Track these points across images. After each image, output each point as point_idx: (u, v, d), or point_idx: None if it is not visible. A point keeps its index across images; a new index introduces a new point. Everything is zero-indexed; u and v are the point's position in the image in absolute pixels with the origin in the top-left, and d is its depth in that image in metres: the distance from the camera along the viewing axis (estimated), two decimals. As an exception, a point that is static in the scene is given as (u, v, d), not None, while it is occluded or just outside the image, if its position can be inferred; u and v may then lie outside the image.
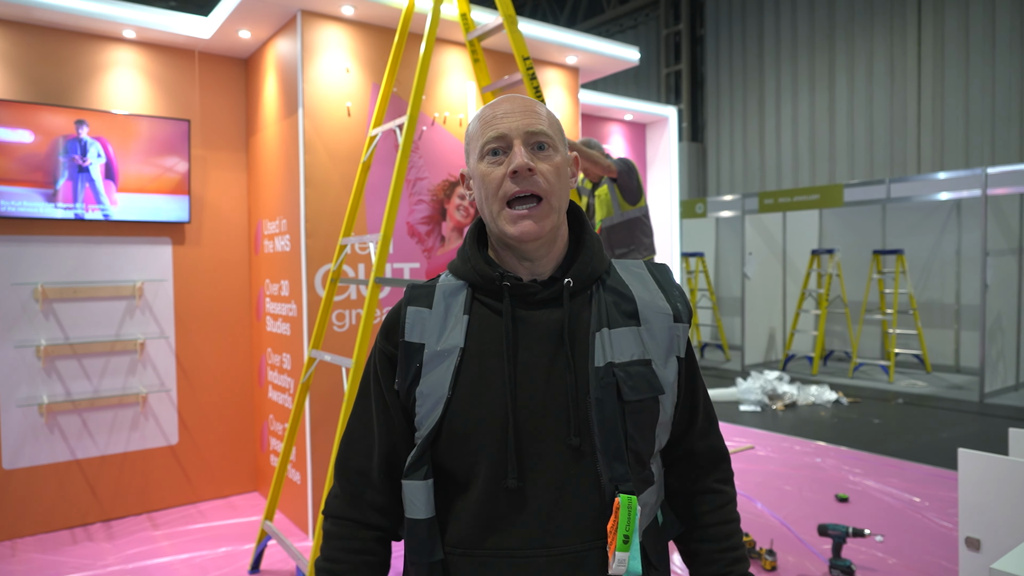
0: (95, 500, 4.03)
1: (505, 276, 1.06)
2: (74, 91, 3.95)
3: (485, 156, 1.06)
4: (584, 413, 1.01)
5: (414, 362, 1.06)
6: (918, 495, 4.30)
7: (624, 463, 1.00)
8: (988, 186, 7.29)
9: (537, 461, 1.00)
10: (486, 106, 1.10)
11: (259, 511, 4.22)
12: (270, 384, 4.31)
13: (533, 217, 1.03)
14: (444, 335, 1.06)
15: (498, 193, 1.04)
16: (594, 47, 4.78)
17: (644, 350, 1.06)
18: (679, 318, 1.11)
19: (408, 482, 1.05)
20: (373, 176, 3.93)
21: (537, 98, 3.11)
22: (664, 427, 1.08)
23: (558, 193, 1.06)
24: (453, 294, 1.10)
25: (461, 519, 1.03)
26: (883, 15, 10.52)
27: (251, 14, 3.79)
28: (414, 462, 1.05)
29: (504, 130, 1.05)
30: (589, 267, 1.09)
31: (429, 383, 1.04)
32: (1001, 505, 2.16)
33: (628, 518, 0.97)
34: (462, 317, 1.07)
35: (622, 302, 1.09)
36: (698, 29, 13.42)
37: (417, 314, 1.09)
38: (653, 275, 1.16)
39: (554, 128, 1.09)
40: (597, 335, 1.04)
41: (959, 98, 9.71)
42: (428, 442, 1.03)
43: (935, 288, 9.28)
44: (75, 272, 3.96)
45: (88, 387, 4.01)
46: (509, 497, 1.00)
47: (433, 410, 1.03)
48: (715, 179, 13.10)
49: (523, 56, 2.95)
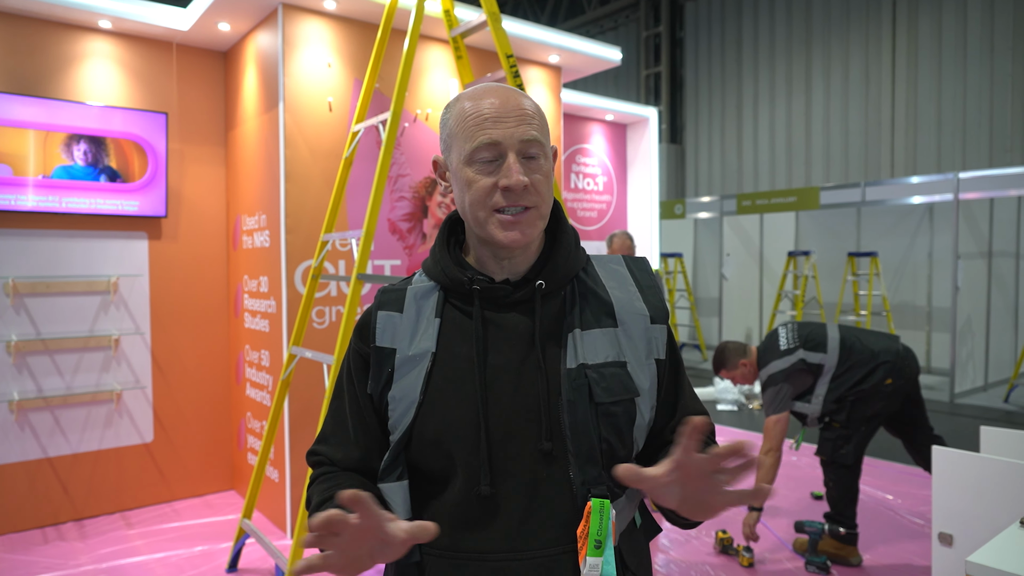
0: (67, 499, 3.95)
1: (475, 280, 1.04)
2: (48, 82, 3.87)
3: (474, 163, 1.01)
4: (556, 416, 0.99)
5: (386, 367, 1.05)
6: (891, 493, 4.37)
7: (597, 466, 0.99)
8: (960, 190, 7.44)
9: (509, 465, 0.99)
10: (466, 97, 1.04)
11: (235, 509, 4.17)
12: (248, 381, 4.26)
13: (523, 225, 1.00)
14: (415, 339, 1.05)
15: (487, 202, 1.00)
16: (577, 46, 4.80)
17: (620, 352, 1.04)
18: (656, 320, 1.08)
19: (384, 485, 1.04)
20: (354, 172, 3.90)
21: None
22: (642, 430, 1.06)
23: (547, 200, 1.04)
24: (424, 296, 1.08)
25: (437, 521, 1.01)
26: (859, 22, 10.69)
27: (231, 6, 3.75)
28: (388, 465, 1.04)
29: (498, 138, 0.99)
30: (563, 268, 1.07)
31: (401, 388, 1.03)
32: (973, 501, 2.21)
33: (600, 522, 0.95)
34: (433, 320, 1.05)
35: (598, 302, 1.06)
36: (678, 32, 13.52)
37: (388, 319, 1.07)
38: (632, 272, 1.13)
39: (542, 127, 1.04)
40: (569, 336, 1.03)
41: (931, 104, 9.89)
42: (401, 446, 1.03)
43: (908, 290, 9.44)
44: (48, 266, 3.89)
45: (60, 384, 3.93)
46: (482, 501, 0.99)
47: (405, 415, 1.02)
48: (693, 180, 13.22)
49: (507, 54, 2.95)
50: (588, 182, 6.44)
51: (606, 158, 6.59)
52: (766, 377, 3.40)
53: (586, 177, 6.43)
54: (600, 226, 6.49)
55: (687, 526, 1.07)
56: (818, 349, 3.36)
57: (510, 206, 1.00)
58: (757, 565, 3.37)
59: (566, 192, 6.24)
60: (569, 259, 1.08)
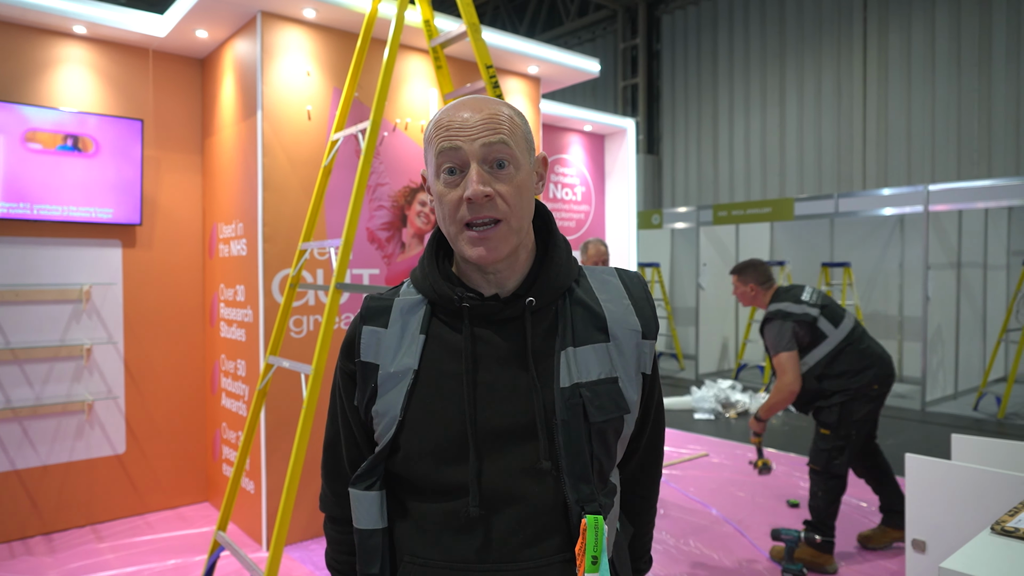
0: (35, 512, 3.86)
1: (464, 296, 1.01)
2: (20, 87, 3.81)
3: (441, 174, 0.98)
4: (550, 435, 0.98)
5: (370, 382, 1.04)
6: (865, 500, 4.43)
7: (590, 483, 0.98)
8: (929, 202, 7.60)
9: (499, 483, 0.97)
10: (445, 108, 1.01)
11: (210, 522, 4.10)
12: (223, 391, 4.21)
13: (491, 240, 0.97)
14: (398, 356, 1.03)
15: (455, 216, 0.98)
16: (556, 58, 4.83)
17: (612, 367, 1.02)
18: (647, 335, 1.07)
19: (352, 491, 1.03)
20: (332, 181, 3.89)
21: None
22: (624, 441, 1.07)
23: (519, 213, 0.99)
24: (411, 311, 1.05)
25: (424, 530, 1.01)
26: (830, 37, 10.90)
27: (209, 14, 3.72)
28: (363, 474, 1.03)
29: (459, 143, 0.96)
30: (555, 282, 1.04)
31: (383, 404, 1.02)
32: (945, 508, 2.24)
33: (596, 539, 0.95)
34: (418, 337, 1.03)
35: (591, 316, 1.04)
36: (654, 44, 13.68)
37: (372, 334, 1.06)
38: (625, 285, 1.11)
39: (516, 136, 1.00)
40: (562, 354, 1.00)
41: (902, 118, 10.11)
42: (381, 458, 1.02)
43: (880, 300, 9.61)
44: (17, 274, 3.81)
45: (30, 394, 3.85)
46: (470, 521, 0.98)
47: (386, 431, 1.01)
48: (670, 191, 13.34)
49: (486, 64, 2.96)
50: (567, 192, 6.48)
51: (584, 168, 6.63)
52: (774, 310, 3.48)
53: (564, 187, 6.46)
54: (578, 236, 6.52)
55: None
56: (831, 321, 3.45)
57: (475, 220, 0.97)
58: (730, 573, 3.39)
59: (545, 202, 6.26)
60: (561, 273, 1.05)
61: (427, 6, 3.18)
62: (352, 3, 3.72)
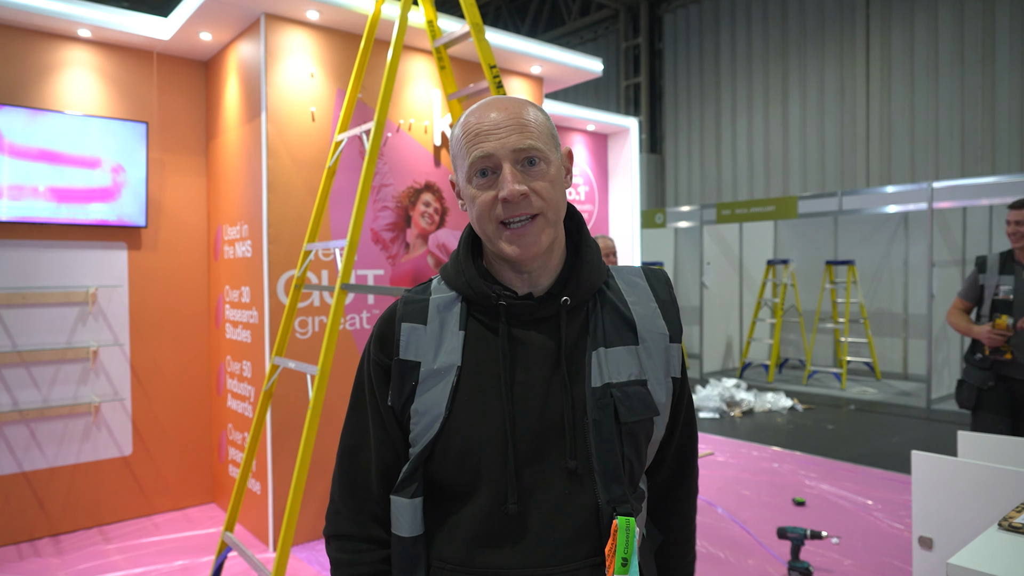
0: (43, 514, 3.88)
1: (501, 294, 1.03)
2: (26, 90, 3.83)
3: (473, 177, 1.01)
4: (581, 434, 0.99)
5: (409, 380, 1.03)
6: (871, 498, 4.43)
7: (621, 484, 0.99)
8: (933, 200, 7.59)
9: (534, 483, 0.98)
10: (470, 112, 1.03)
11: (216, 523, 4.12)
12: (229, 392, 4.22)
13: (529, 235, 0.99)
14: (440, 353, 1.03)
15: (491, 215, 1.00)
16: (559, 58, 4.84)
17: (641, 369, 1.04)
18: (674, 338, 1.09)
19: (395, 498, 1.03)
20: (337, 182, 3.90)
21: None
22: (655, 445, 1.08)
23: (554, 206, 1.01)
24: (447, 308, 1.06)
25: (454, 535, 1.01)
26: (833, 35, 10.88)
27: (213, 16, 3.73)
28: (405, 478, 1.03)
29: (491, 150, 0.99)
30: (587, 281, 1.06)
31: (425, 402, 1.01)
32: (951, 505, 2.24)
33: (626, 540, 0.95)
34: (458, 333, 1.04)
35: (621, 319, 1.06)
36: (657, 43, 13.67)
37: (412, 331, 1.05)
38: (652, 286, 1.12)
39: (544, 135, 1.02)
40: (594, 355, 1.02)
41: (905, 115, 10.09)
42: (421, 459, 1.02)
43: (884, 298, 9.59)
44: (25, 277, 3.83)
45: (37, 396, 3.86)
46: (505, 518, 0.98)
47: (429, 429, 1.00)
48: (673, 190, 13.33)
49: (490, 64, 2.96)
50: (571, 191, 6.48)
51: (588, 168, 6.63)
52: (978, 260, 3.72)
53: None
54: (582, 235, 6.53)
55: None
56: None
57: (513, 217, 0.99)
58: (740, 571, 3.39)
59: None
60: (592, 272, 1.07)
61: (430, 7, 3.18)
62: (355, 4, 3.73)
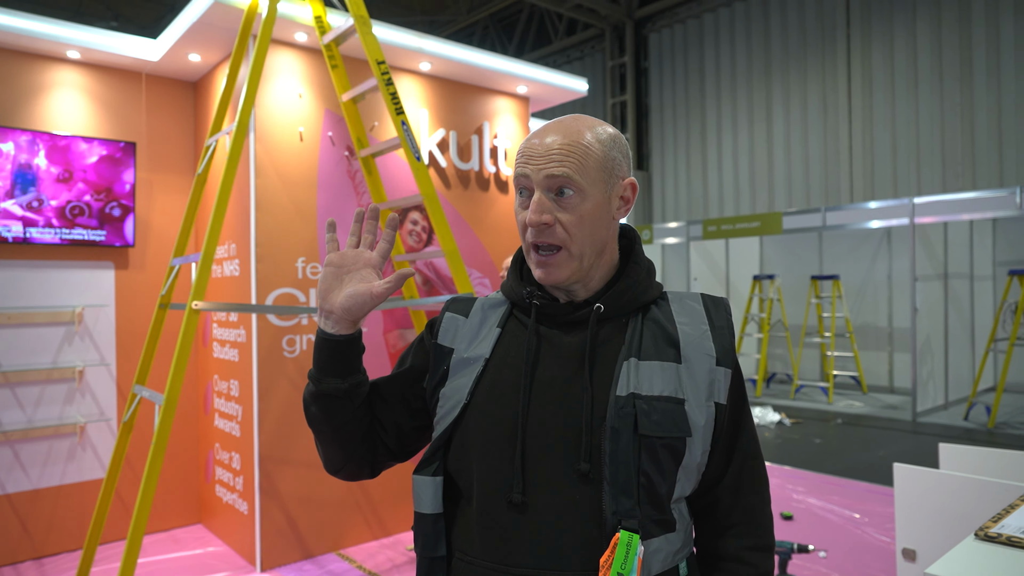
0: (26, 536, 3.84)
1: (534, 294, 1.08)
2: (14, 111, 3.83)
3: (518, 192, 1.06)
4: (597, 440, 0.98)
5: (442, 364, 1.11)
6: (858, 511, 4.46)
7: (632, 498, 0.96)
8: (915, 215, 7.70)
9: (542, 479, 0.99)
10: (535, 131, 1.08)
11: (204, 544, 4.08)
12: (216, 412, 4.21)
13: (551, 266, 1.04)
14: (474, 343, 1.10)
15: (525, 235, 1.06)
16: (544, 78, 4.90)
17: (679, 388, 1.01)
18: (722, 362, 1.05)
19: (418, 477, 1.07)
20: (321, 200, 3.92)
21: (394, 107, 2.99)
22: (689, 471, 1.02)
23: (580, 241, 1.02)
24: (493, 307, 1.14)
25: (467, 523, 1.05)
26: (815, 53, 11.07)
27: (202, 38, 3.77)
28: (427, 459, 1.07)
29: (528, 171, 1.03)
30: (625, 296, 1.07)
31: (452, 387, 1.08)
32: (934, 517, 2.27)
33: (625, 556, 0.92)
34: (494, 329, 1.10)
35: (664, 336, 1.05)
36: (642, 62, 13.84)
37: (452, 320, 1.14)
38: (708, 310, 1.11)
39: (590, 167, 1.02)
40: (624, 363, 1.01)
41: (886, 132, 10.25)
42: (442, 441, 1.06)
43: (869, 312, 9.69)
44: (9, 297, 3.81)
45: (21, 417, 3.84)
46: (512, 511, 1.00)
47: (450, 413, 1.06)
48: (660, 206, 13.45)
49: (377, 60, 2.82)
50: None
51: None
52: None
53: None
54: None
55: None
56: None
57: (538, 243, 1.04)
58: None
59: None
60: (634, 288, 1.08)
61: (318, 2, 3.09)
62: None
